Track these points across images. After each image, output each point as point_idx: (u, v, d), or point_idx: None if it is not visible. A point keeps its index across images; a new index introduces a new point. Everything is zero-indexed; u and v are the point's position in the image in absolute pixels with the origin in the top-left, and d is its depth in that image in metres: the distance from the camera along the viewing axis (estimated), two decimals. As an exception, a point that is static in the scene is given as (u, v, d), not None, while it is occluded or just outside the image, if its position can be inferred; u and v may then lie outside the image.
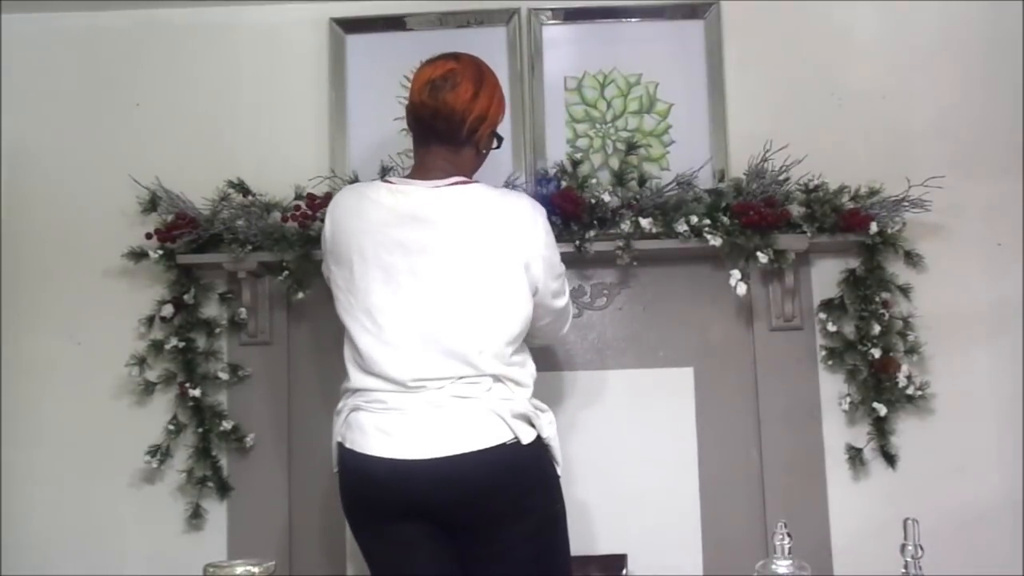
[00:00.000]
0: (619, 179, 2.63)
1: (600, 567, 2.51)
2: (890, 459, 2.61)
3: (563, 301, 2.07)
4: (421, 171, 2.00)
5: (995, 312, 2.67)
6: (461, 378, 1.88)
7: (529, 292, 1.95)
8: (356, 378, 1.95)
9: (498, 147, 2.12)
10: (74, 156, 2.80)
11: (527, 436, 1.89)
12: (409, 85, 2.08)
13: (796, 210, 2.59)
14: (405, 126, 2.71)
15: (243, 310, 2.65)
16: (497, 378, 1.90)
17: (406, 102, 2.07)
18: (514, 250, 1.92)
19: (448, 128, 1.97)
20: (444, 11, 2.79)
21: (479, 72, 2.00)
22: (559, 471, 1.98)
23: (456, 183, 1.96)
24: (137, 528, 2.68)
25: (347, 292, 1.95)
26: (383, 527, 1.92)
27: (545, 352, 2.43)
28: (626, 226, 2.53)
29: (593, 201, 2.54)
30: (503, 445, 1.86)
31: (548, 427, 1.95)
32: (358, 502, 1.95)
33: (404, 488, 1.86)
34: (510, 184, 2.61)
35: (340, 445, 1.95)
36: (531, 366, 2.00)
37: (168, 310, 2.64)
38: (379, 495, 1.90)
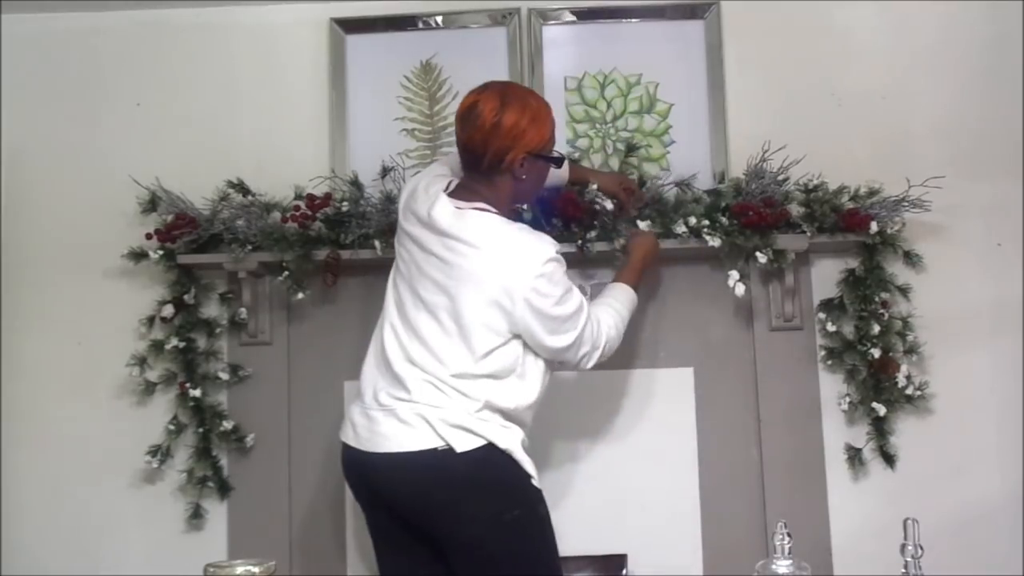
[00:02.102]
0: (619, 180, 2.63)
1: (600, 567, 2.51)
2: (889, 459, 2.61)
3: (563, 341, 2.02)
4: (459, 189, 2.08)
5: (995, 312, 2.67)
6: (407, 384, 1.97)
7: (501, 327, 1.96)
8: None
9: (558, 166, 2.17)
10: (74, 156, 2.80)
11: (463, 444, 1.91)
12: (409, 87, 2.11)
13: (795, 210, 2.59)
14: (405, 126, 2.76)
15: (243, 310, 2.65)
16: (441, 390, 1.95)
17: (407, 102, 2.10)
18: (494, 284, 1.95)
19: (473, 160, 2.02)
20: (444, 11, 2.79)
21: (501, 99, 2.00)
22: (532, 480, 1.98)
23: (474, 208, 2.01)
24: (137, 528, 2.68)
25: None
26: (368, 512, 2.09)
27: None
28: (625, 230, 2.52)
29: (596, 207, 2.54)
30: (432, 451, 1.91)
31: (503, 437, 1.95)
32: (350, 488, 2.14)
33: (360, 476, 2.03)
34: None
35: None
36: (514, 391, 1.99)
37: (168, 310, 2.64)
38: (350, 482, 2.09)
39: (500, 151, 1.99)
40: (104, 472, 2.69)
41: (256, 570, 1.62)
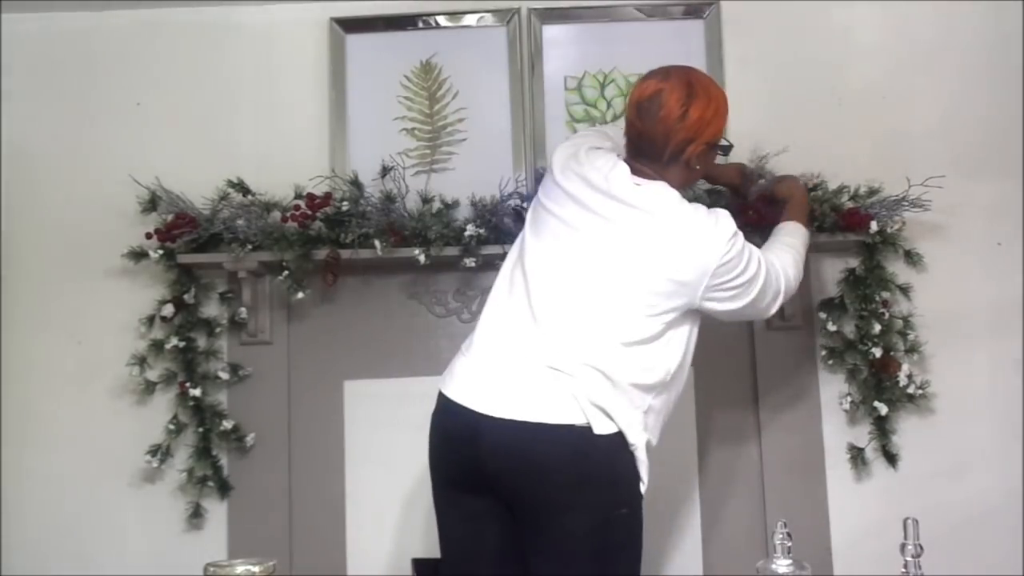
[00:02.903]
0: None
1: (600, 567, 2.50)
2: (891, 459, 2.61)
3: (744, 300, 1.94)
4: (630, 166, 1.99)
5: (995, 312, 2.68)
6: (559, 353, 1.84)
7: (668, 302, 1.87)
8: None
9: (725, 155, 2.12)
10: (74, 156, 2.79)
11: (602, 427, 1.81)
12: (409, 87, 2.06)
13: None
14: (405, 126, 2.76)
15: (243, 310, 2.65)
16: (594, 368, 1.83)
17: (407, 102, 2.07)
18: (675, 259, 1.86)
19: (653, 150, 1.94)
20: (444, 11, 2.80)
21: (689, 90, 1.92)
22: (641, 485, 1.88)
23: (654, 183, 1.92)
24: (137, 528, 2.68)
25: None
26: (447, 493, 1.93)
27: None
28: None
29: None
30: (569, 427, 1.80)
31: (635, 431, 1.84)
32: (431, 455, 1.95)
33: (464, 439, 1.84)
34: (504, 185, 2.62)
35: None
36: (657, 360, 1.89)
37: (168, 310, 2.64)
38: (441, 442, 1.91)
39: (684, 142, 1.92)
40: (104, 472, 2.69)
41: (256, 570, 1.62)
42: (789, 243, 2.12)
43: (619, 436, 1.84)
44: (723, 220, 1.91)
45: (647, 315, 1.86)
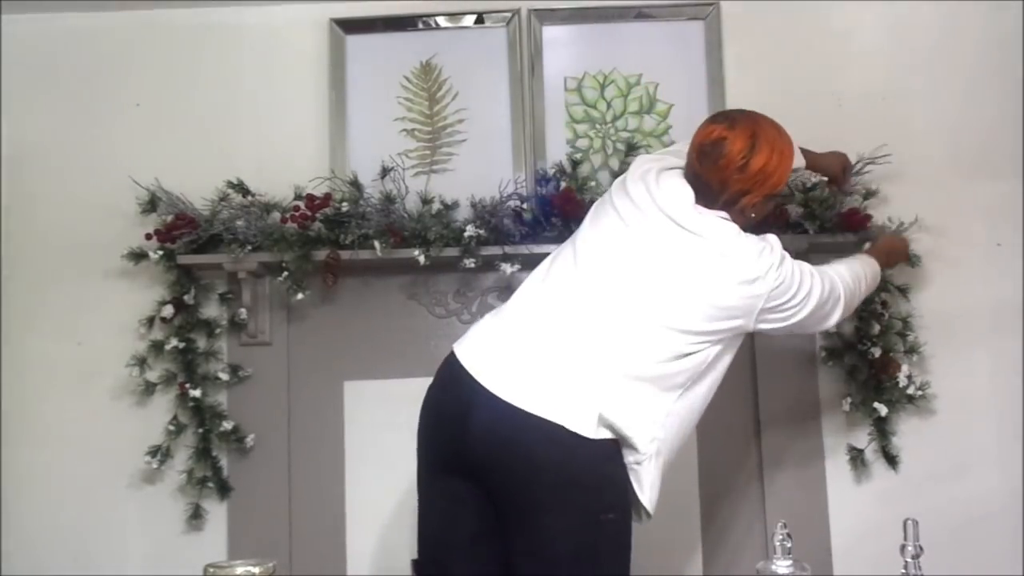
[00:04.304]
0: (619, 180, 2.62)
1: (600, 567, 2.50)
2: (891, 460, 2.61)
3: (795, 319, 1.90)
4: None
5: (995, 312, 2.68)
6: (579, 349, 1.80)
7: (710, 328, 1.83)
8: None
9: (783, 203, 2.08)
10: (74, 156, 2.79)
11: (597, 432, 1.77)
12: (409, 87, 2.05)
13: (795, 210, 2.59)
14: (405, 127, 2.76)
15: (243, 310, 2.65)
16: (613, 372, 1.79)
17: (407, 102, 2.05)
18: (724, 290, 1.82)
19: (709, 193, 1.90)
20: (444, 11, 2.79)
21: (752, 141, 1.88)
22: (642, 502, 1.85)
23: (715, 214, 1.89)
24: (137, 528, 2.68)
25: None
26: (430, 475, 1.91)
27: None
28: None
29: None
30: (563, 427, 1.74)
31: (643, 443, 1.80)
32: (420, 434, 1.93)
33: (461, 413, 1.80)
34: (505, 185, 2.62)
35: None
36: (675, 391, 1.85)
37: (168, 310, 2.64)
38: (436, 405, 1.89)
39: (739, 193, 1.88)
40: (104, 472, 2.69)
41: (256, 570, 1.62)
42: (853, 265, 2.10)
43: (613, 443, 1.80)
44: (770, 248, 1.87)
45: (681, 330, 1.82)
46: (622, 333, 1.81)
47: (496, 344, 1.86)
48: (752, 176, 1.87)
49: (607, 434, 1.79)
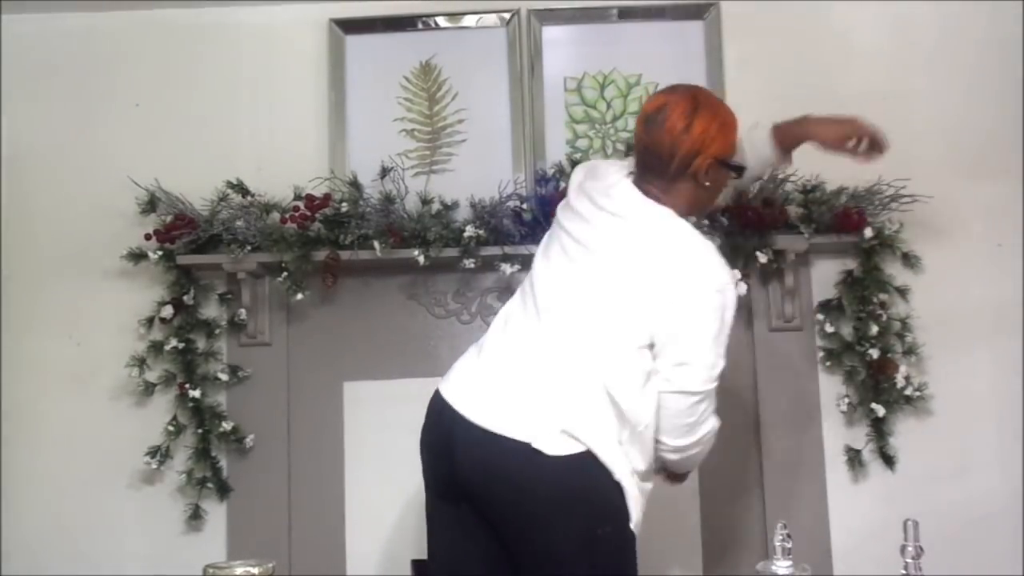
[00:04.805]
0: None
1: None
2: (889, 460, 2.61)
3: (680, 377, 1.82)
4: (640, 185, 1.95)
5: (995, 313, 2.67)
6: (548, 372, 1.81)
7: (645, 332, 1.81)
8: None
9: (737, 177, 2.03)
10: (73, 156, 2.79)
11: (563, 448, 1.76)
12: (409, 88, 2.05)
13: (794, 211, 2.59)
14: (404, 127, 2.76)
15: (243, 311, 2.65)
16: (579, 391, 1.79)
17: (406, 103, 2.05)
18: (662, 287, 1.81)
19: (659, 164, 1.91)
20: (444, 11, 2.79)
21: (694, 103, 1.90)
22: (631, 507, 1.82)
23: (659, 206, 1.88)
24: (136, 529, 2.68)
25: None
26: (433, 500, 1.92)
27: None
28: None
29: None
30: (529, 445, 1.75)
31: (614, 460, 1.78)
32: (421, 461, 1.93)
33: (447, 439, 1.83)
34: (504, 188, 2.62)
35: None
36: (638, 405, 1.81)
37: (168, 311, 2.64)
38: (427, 445, 1.91)
39: (688, 155, 1.88)
40: (104, 472, 2.69)
41: (255, 571, 1.62)
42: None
43: (586, 457, 1.77)
44: (726, 268, 1.86)
45: (632, 343, 1.81)
46: (583, 350, 1.82)
47: (473, 375, 1.90)
48: (699, 136, 1.89)
49: (576, 448, 1.78)
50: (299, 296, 2.57)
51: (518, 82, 2.74)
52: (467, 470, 1.81)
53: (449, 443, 1.84)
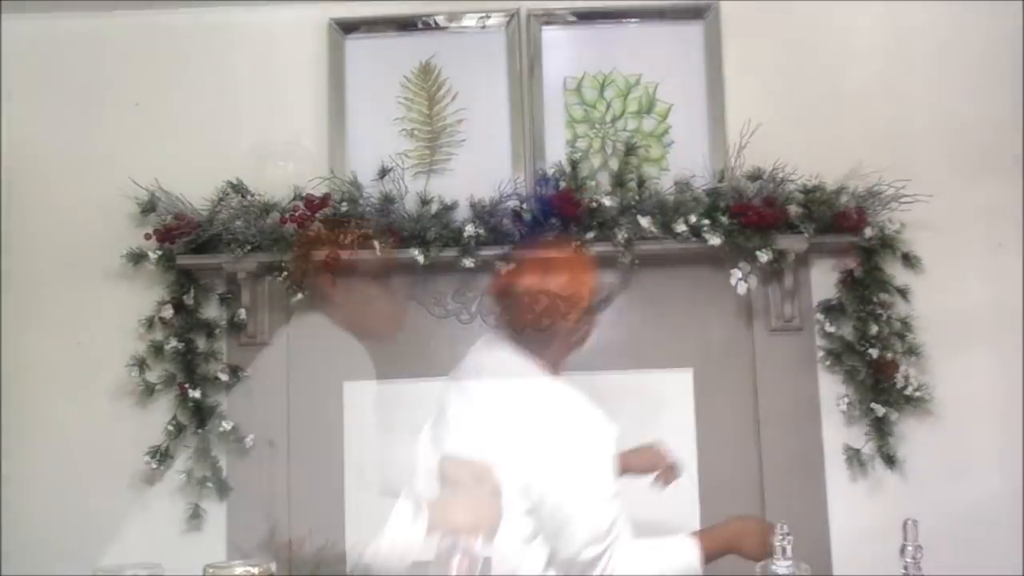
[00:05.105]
0: (619, 181, 2.62)
1: (599, 567, 2.50)
2: (889, 460, 2.61)
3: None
4: None
5: (995, 313, 2.67)
6: None
7: None
8: None
9: None
10: (74, 156, 2.79)
11: None
12: (408, 88, 2.04)
13: (794, 211, 2.59)
14: (404, 127, 2.76)
15: (242, 311, 2.65)
16: None
17: (406, 103, 2.04)
18: None
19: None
20: (444, 11, 2.79)
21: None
22: None
23: None
24: (136, 528, 2.68)
25: None
26: None
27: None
28: (623, 233, 2.52)
29: (594, 205, 2.54)
30: None
31: None
32: None
33: None
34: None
35: None
36: None
37: (168, 311, 2.64)
38: None
39: None
40: (104, 472, 2.69)
41: (255, 571, 1.61)
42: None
43: None
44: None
45: None
46: None
47: None
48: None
49: None
50: (299, 296, 2.57)
51: (518, 82, 2.74)
52: None
53: None
